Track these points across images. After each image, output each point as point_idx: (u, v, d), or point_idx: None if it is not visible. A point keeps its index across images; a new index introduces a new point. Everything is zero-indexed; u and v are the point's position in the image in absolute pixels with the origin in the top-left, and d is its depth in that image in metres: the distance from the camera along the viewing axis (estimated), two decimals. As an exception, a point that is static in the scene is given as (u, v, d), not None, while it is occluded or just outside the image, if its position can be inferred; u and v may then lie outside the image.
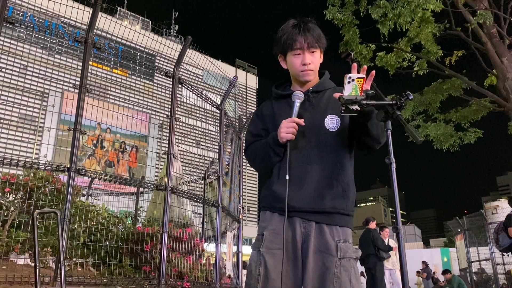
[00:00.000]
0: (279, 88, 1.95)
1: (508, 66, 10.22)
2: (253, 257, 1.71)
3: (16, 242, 4.21)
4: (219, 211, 5.75)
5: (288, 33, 1.79)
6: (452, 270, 15.13)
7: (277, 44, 1.86)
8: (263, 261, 1.66)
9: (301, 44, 1.77)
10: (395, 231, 1.64)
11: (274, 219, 1.74)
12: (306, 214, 1.69)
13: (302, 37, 1.77)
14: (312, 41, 1.78)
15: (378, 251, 7.29)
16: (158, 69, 5.64)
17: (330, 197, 1.70)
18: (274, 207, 1.75)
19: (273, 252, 1.67)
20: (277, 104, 1.88)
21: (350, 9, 10.79)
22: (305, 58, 1.78)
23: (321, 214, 1.69)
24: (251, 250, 1.79)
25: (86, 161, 18.32)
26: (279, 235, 1.67)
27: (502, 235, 6.33)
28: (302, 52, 1.78)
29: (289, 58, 1.82)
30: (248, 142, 1.91)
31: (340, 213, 1.72)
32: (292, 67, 1.82)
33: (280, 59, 1.89)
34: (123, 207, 7.70)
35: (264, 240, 1.71)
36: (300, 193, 1.69)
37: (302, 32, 1.77)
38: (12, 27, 4.35)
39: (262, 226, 1.77)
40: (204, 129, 7.55)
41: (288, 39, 1.78)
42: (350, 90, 1.56)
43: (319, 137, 1.75)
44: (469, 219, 14.74)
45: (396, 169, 1.61)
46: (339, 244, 1.67)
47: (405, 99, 1.59)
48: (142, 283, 4.49)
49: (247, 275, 1.72)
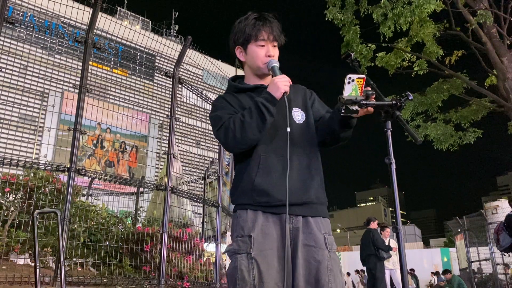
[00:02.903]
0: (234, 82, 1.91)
1: (508, 66, 10.23)
2: (242, 261, 1.57)
3: (16, 242, 4.21)
4: (219, 211, 5.75)
5: (252, 24, 1.76)
6: (452, 270, 15.14)
7: (236, 35, 1.81)
8: (256, 265, 1.56)
9: (267, 35, 1.75)
10: (395, 231, 1.64)
11: (258, 217, 1.63)
12: (294, 207, 1.62)
13: (268, 29, 1.75)
14: (276, 34, 1.77)
15: (378, 251, 7.29)
16: (158, 69, 5.64)
17: (312, 187, 1.68)
18: (257, 202, 1.63)
19: (264, 254, 1.58)
20: (241, 97, 1.80)
21: (351, 9, 10.80)
22: (269, 49, 1.76)
23: (307, 206, 1.66)
24: (231, 253, 1.64)
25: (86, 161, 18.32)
26: (268, 235, 1.60)
27: (503, 235, 6.28)
28: (266, 44, 1.76)
29: (252, 48, 1.77)
30: (224, 118, 1.68)
31: (322, 203, 1.71)
32: (255, 58, 1.77)
33: (238, 50, 1.83)
34: (123, 207, 7.70)
35: (253, 243, 1.59)
36: (285, 185, 1.60)
37: (267, 24, 1.76)
38: (12, 27, 4.35)
39: (247, 226, 1.62)
40: (204, 129, 7.55)
41: (253, 30, 1.75)
42: (350, 90, 1.56)
43: (291, 129, 1.69)
44: (469, 219, 14.74)
45: (396, 169, 1.61)
46: (326, 237, 1.66)
47: (404, 100, 1.60)
48: (142, 283, 4.49)
49: (238, 282, 1.56)
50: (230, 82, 1.90)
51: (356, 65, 1.82)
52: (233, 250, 1.63)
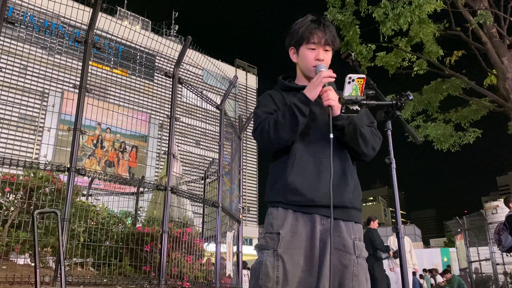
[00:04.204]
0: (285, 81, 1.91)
1: (508, 66, 10.23)
2: (268, 257, 1.59)
3: (16, 242, 4.21)
4: (219, 211, 5.75)
5: (307, 26, 1.76)
6: (452, 270, 15.14)
7: (291, 35, 1.82)
8: (282, 262, 1.57)
9: (318, 39, 1.75)
10: (395, 231, 1.64)
11: (289, 216, 1.64)
12: (326, 209, 1.60)
13: (320, 32, 1.75)
14: (329, 38, 1.76)
15: (375, 251, 7.29)
16: (158, 69, 5.64)
17: (347, 191, 1.67)
18: (289, 201, 1.64)
19: (291, 252, 1.59)
20: (287, 95, 1.81)
21: (351, 9, 10.80)
22: (320, 53, 1.75)
23: (340, 209, 1.64)
24: (258, 248, 1.66)
25: (86, 161, 18.31)
26: (297, 234, 1.60)
27: (504, 236, 6.25)
28: (317, 48, 1.76)
29: (303, 51, 1.78)
30: (261, 118, 1.73)
31: (355, 208, 1.70)
32: (305, 60, 1.78)
33: (291, 51, 1.85)
34: (123, 207, 7.69)
35: (281, 240, 1.60)
36: (318, 186, 1.63)
37: (321, 27, 1.75)
38: (12, 27, 4.35)
39: (277, 224, 1.64)
40: (204, 129, 7.55)
41: (306, 31, 1.75)
42: (350, 90, 1.56)
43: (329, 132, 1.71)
44: (469, 219, 14.74)
45: (396, 169, 1.61)
46: (356, 242, 1.65)
47: (405, 99, 1.60)
48: (142, 283, 4.49)
49: (261, 276, 1.57)
50: (280, 80, 1.91)
51: (356, 65, 1.82)
52: (261, 246, 1.65)
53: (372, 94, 1.57)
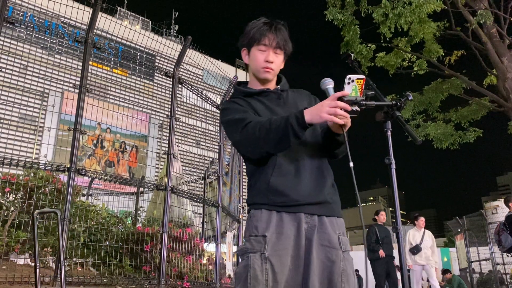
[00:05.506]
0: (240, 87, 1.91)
1: (508, 66, 10.23)
2: (255, 260, 1.57)
3: (16, 242, 4.21)
4: (219, 211, 5.75)
5: (258, 27, 1.78)
6: (452, 270, 15.13)
7: (244, 37, 1.83)
8: (270, 265, 1.56)
9: (269, 41, 1.76)
10: (395, 231, 1.64)
11: (273, 217, 1.64)
12: (310, 207, 1.63)
13: (272, 35, 1.76)
14: (280, 41, 1.77)
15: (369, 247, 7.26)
16: (158, 69, 5.64)
17: (326, 187, 1.70)
18: (274, 202, 1.64)
19: (279, 253, 1.59)
20: (251, 101, 1.79)
21: (351, 9, 10.80)
22: (269, 55, 1.77)
23: (322, 205, 1.66)
24: (242, 252, 1.63)
25: (86, 161, 18.31)
26: (283, 235, 1.61)
27: (504, 236, 6.23)
28: (267, 49, 1.77)
29: (253, 52, 1.80)
30: (246, 119, 1.65)
31: (336, 202, 1.73)
32: (255, 61, 1.79)
33: (244, 52, 1.86)
34: (123, 207, 7.70)
35: (267, 243, 1.59)
36: (300, 186, 1.65)
37: (272, 30, 1.77)
38: (12, 27, 4.35)
39: (261, 226, 1.62)
40: (204, 129, 7.55)
41: (257, 33, 1.77)
42: (350, 91, 1.56)
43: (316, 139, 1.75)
44: (469, 219, 14.74)
45: (396, 169, 1.62)
46: (340, 237, 1.66)
47: (404, 100, 1.60)
48: (142, 283, 4.49)
49: (249, 280, 1.55)
50: (236, 87, 1.91)
51: (356, 66, 1.83)
52: (246, 249, 1.62)
53: (371, 95, 1.57)
